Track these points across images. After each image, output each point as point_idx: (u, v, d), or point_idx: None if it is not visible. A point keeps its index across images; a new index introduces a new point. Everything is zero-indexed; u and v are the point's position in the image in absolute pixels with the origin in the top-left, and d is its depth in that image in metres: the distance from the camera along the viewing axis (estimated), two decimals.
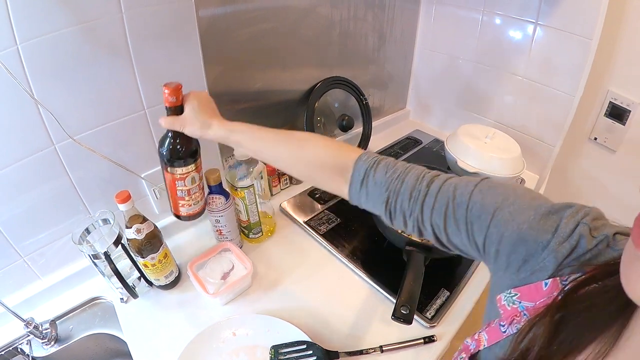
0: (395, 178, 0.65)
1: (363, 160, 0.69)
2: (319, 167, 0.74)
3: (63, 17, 0.81)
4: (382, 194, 0.65)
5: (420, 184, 0.63)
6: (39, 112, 0.85)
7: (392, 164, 0.67)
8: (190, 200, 0.94)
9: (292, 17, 1.30)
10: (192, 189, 0.92)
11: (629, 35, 1.46)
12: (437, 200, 0.60)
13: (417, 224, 0.64)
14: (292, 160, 0.79)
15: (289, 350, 0.91)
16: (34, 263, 1.01)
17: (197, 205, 0.96)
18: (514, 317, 0.51)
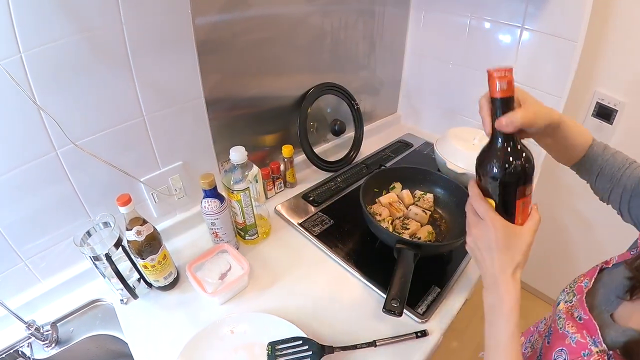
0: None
1: None
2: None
3: (65, 26, 0.84)
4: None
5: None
6: (42, 118, 0.88)
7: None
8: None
9: (286, 26, 1.34)
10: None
11: (614, 37, 1.50)
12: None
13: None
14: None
15: (285, 346, 0.93)
16: (35, 266, 1.04)
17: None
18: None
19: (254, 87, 1.34)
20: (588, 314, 0.65)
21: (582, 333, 0.64)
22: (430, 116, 2.05)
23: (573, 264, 2.12)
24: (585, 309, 0.67)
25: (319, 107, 1.60)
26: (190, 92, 1.13)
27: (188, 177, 1.24)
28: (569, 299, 0.74)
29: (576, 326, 0.67)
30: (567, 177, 1.91)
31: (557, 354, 0.68)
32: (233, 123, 1.33)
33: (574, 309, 0.70)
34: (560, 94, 1.49)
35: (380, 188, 1.39)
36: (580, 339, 0.64)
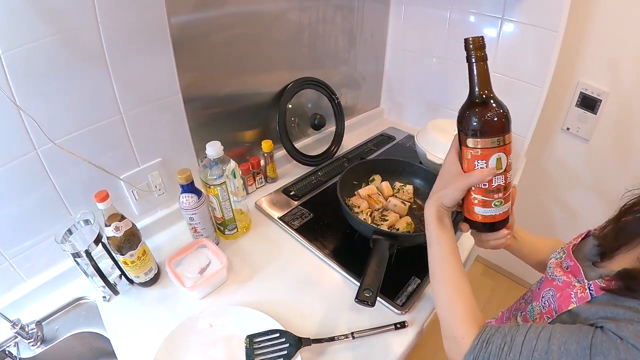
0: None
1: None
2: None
3: (43, 27, 0.85)
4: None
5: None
6: (21, 118, 0.89)
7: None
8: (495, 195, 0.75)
9: (263, 22, 1.34)
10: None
11: (596, 27, 1.51)
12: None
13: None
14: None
15: (263, 339, 0.95)
16: (19, 266, 1.04)
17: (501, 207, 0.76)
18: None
19: (232, 83, 1.35)
20: (573, 260, 0.77)
21: (568, 275, 0.76)
22: (413, 109, 2.06)
23: None
24: (571, 257, 0.79)
25: (299, 102, 1.61)
26: (167, 89, 1.14)
27: (167, 174, 1.24)
28: (559, 255, 0.85)
29: (563, 272, 0.79)
30: (552, 168, 1.92)
31: (545, 292, 0.80)
32: (212, 119, 1.34)
33: (562, 262, 0.82)
34: (542, 84, 1.50)
35: (359, 180, 1.40)
36: (565, 279, 0.76)
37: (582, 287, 0.70)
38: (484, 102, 0.70)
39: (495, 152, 0.70)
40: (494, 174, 0.71)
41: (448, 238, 0.79)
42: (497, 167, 0.71)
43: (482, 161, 0.71)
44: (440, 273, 0.79)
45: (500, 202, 0.75)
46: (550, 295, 0.77)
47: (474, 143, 0.71)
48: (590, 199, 1.89)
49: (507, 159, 0.71)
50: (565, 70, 1.59)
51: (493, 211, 0.76)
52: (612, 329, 0.57)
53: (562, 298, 0.73)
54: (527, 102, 1.57)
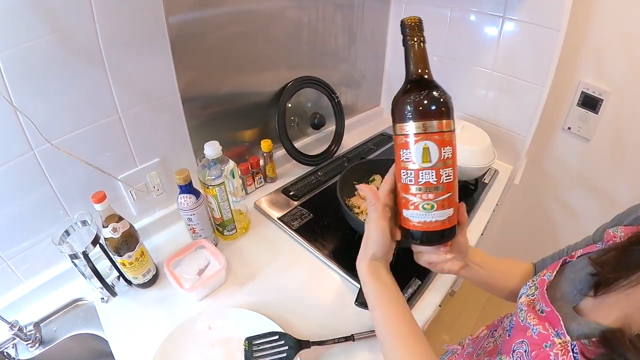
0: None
1: None
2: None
3: (39, 26, 0.84)
4: None
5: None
6: (18, 119, 0.88)
7: None
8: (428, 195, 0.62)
9: (261, 21, 1.33)
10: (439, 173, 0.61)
11: (598, 26, 1.49)
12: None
13: None
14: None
15: (262, 341, 0.93)
16: (17, 267, 1.04)
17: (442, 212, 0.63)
18: (612, 238, 0.70)
19: (231, 82, 1.34)
20: (550, 306, 0.65)
21: (544, 325, 0.63)
22: None
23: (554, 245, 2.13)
24: (546, 301, 0.66)
25: (299, 102, 1.60)
26: (165, 89, 1.13)
27: (166, 174, 1.23)
28: (530, 292, 0.72)
29: (538, 318, 0.65)
30: (553, 167, 1.91)
31: (517, 345, 0.66)
32: (210, 119, 1.33)
33: (535, 302, 0.69)
34: (543, 83, 1.49)
35: (359, 181, 1.39)
36: (542, 330, 0.63)
37: (564, 348, 0.58)
38: (414, 84, 0.62)
39: (421, 139, 0.59)
40: (420, 168, 0.60)
41: (390, 294, 0.70)
42: (423, 159, 0.60)
43: (407, 150, 0.61)
44: (388, 338, 0.67)
45: (431, 206, 0.61)
46: (524, 350, 0.64)
47: (399, 129, 0.62)
48: (591, 199, 1.87)
49: (441, 151, 0.59)
50: (567, 70, 1.58)
51: (422, 216, 0.62)
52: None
53: (539, 359, 0.61)
54: (528, 101, 1.56)
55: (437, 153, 0.59)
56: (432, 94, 0.60)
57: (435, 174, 0.60)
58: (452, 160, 0.61)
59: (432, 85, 0.61)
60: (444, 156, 0.60)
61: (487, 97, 1.69)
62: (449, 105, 0.61)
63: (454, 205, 0.63)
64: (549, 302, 0.66)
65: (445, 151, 0.60)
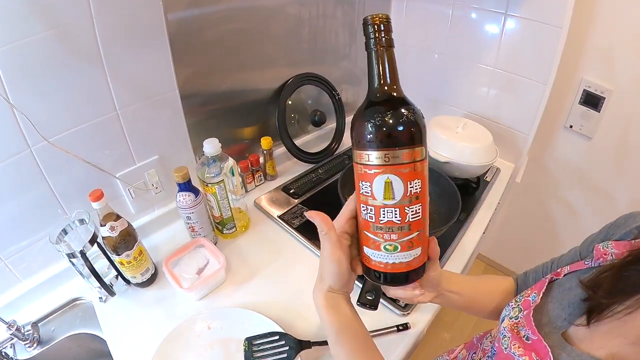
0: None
1: None
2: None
3: (35, 23, 0.83)
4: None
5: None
6: (15, 117, 0.87)
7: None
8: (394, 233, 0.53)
9: (261, 17, 1.32)
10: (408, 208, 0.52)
11: (601, 24, 1.48)
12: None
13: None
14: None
15: (262, 341, 0.92)
16: (15, 266, 1.03)
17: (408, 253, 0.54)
18: (602, 256, 0.63)
19: (231, 79, 1.33)
20: (537, 334, 0.59)
21: (531, 355, 0.57)
22: None
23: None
24: (533, 327, 0.61)
25: (299, 99, 1.59)
26: (164, 86, 1.12)
27: (165, 172, 1.22)
28: (514, 314, 0.66)
29: (523, 347, 0.60)
30: (554, 165, 1.91)
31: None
32: (210, 116, 1.32)
33: (520, 327, 0.63)
34: (545, 81, 1.48)
35: None
36: (523, 356, 0.58)
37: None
38: (377, 100, 0.52)
39: (382, 172, 0.50)
40: (382, 205, 0.51)
41: (352, 330, 0.63)
42: (385, 195, 0.50)
43: (366, 183, 0.52)
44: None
45: (394, 247, 0.53)
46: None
47: (357, 156, 0.53)
48: (592, 197, 1.87)
49: (407, 186, 0.50)
50: (569, 67, 1.57)
51: (384, 257, 0.54)
52: None
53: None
54: (530, 99, 1.55)
55: (402, 188, 0.50)
56: (397, 116, 0.50)
57: (400, 213, 0.51)
58: (421, 194, 0.51)
59: (398, 104, 0.51)
60: (410, 191, 0.50)
61: (489, 94, 1.68)
62: (420, 128, 0.50)
63: (423, 244, 0.55)
64: (535, 330, 0.60)
65: (413, 185, 0.50)
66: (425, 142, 0.51)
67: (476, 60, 1.65)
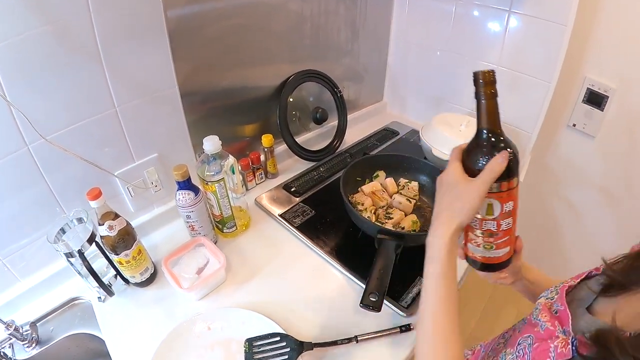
0: None
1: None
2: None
3: (32, 18, 0.81)
4: None
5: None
6: (12, 114, 0.86)
7: None
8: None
9: (262, 13, 1.30)
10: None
11: (605, 22, 1.47)
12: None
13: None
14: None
15: (263, 342, 0.91)
16: (13, 266, 1.02)
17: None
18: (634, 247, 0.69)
19: (231, 76, 1.31)
20: (564, 304, 0.67)
21: (554, 322, 0.65)
22: (416, 104, 2.02)
23: (562, 251, 2.11)
24: (563, 300, 0.68)
25: (300, 96, 1.57)
26: (163, 82, 1.10)
27: (164, 170, 1.21)
28: (550, 295, 0.73)
29: (549, 316, 0.68)
30: (557, 164, 1.90)
31: (522, 339, 0.70)
32: (210, 113, 1.30)
33: (553, 304, 0.70)
34: (549, 79, 1.46)
35: (363, 177, 1.36)
36: (549, 326, 0.65)
37: (565, 340, 0.60)
38: (486, 143, 0.66)
39: (486, 197, 0.64)
40: (484, 218, 0.67)
41: (453, 284, 0.68)
42: (487, 212, 0.67)
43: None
44: (432, 328, 0.68)
45: (490, 247, 0.70)
46: (528, 343, 0.67)
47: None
48: (594, 197, 1.86)
49: (503, 206, 0.65)
50: (572, 66, 1.56)
51: (482, 252, 0.71)
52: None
53: (539, 351, 0.63)
54: (533, 97, 1.53)
55: (499, 208, 0.65)
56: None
57: (496, 225, 0.67)
58: (512, 210, 0.67)
59: (500, 145, 0.64)
60: (505, 210, 0.66)
61: None
62: (516, 163, 0.64)
63: (511, 243, 0.71)
64: (564, 301, 0.68)
65: (507, 205, 0.65)
66: (519, 172, 0.66)
67: (479, 58, 1.64)
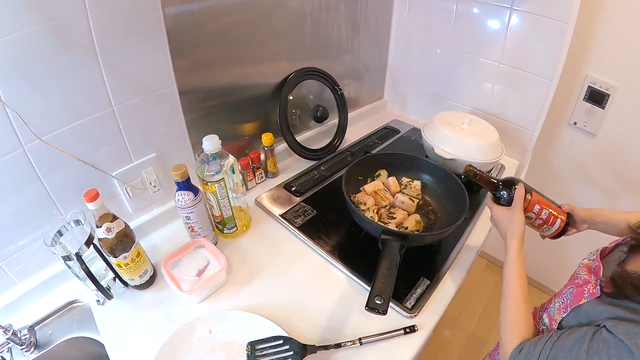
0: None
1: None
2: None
3: (27, 15, 0.80)
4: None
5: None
6: (7, 114, 0.84)
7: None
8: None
9: (262, 10, 1.29)
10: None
11: (607, 19, 1.47)
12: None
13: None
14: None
15: (265, 346, 0.90)
16: (10, 269, 1.00)
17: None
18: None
19: (230, 74, 1.30)
20: (599, 261, 0.82)
21: (590, 275, 0.81)
22: (417, 102, 2.02)
23: (563, 249, 2.10)
24: (598, 259, 0.84)
25: (301, 94, 1.56)
26: (161, 81, 1.09)
27: (163, 170, 1.19)
28: (592, 258, 0.88)
29: (587, 271, 0.84)
30: (558, 162, 1.90)
31: (566, 290, 0.85)
32: (209, 112, 1.29)
33: (592, 262, 0.86)
34: (551, 77, 1.46)
35: (365, 176, 1.35)
36: (586, 277, 0.81)
37: (595, 284, 0.76)
38: (503, 187, 1.03)
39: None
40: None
41: (524, 271, 0.89)
42: (529, 219, 1.01)
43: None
44: (514, 302, 0.85)
45: (548, 229, 1.03)
46: (570, 291, 0.82)
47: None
48: (595, 194, 1.86)
49: (535, 210, 1.00)
50: (574, 63, 1.56)
51: (549, 232, 1.04)
52: (610, 327, 0.63)
53: (577, 294, 0.79)
54: (535, 95, 1.53)
55: (534, 213, 1.01)
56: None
57: (539, 219, 1.02)
58: (541, 208, 1.00)
59: (509, 183, 1.03)
60: (536, 210, 1.00)
61: (493, 90, 1.65)
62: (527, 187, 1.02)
63: (558, 216, 1.01)
64: (599, 259, 0.83)
65: (536, 208, 1.00)
66: (530, 190, 1.02)
67: (481, 56, 1.63)
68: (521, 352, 0.75)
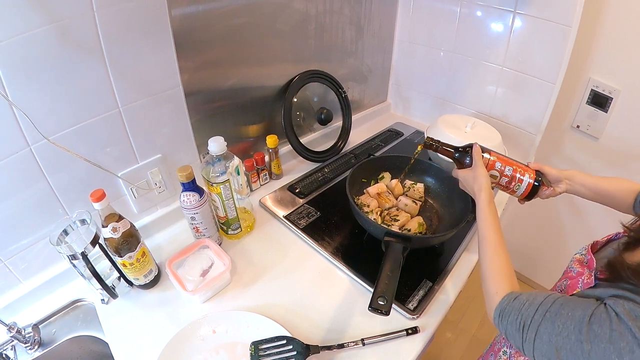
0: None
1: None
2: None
3: (35, 17, 0.80)
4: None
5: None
6: (14, 114, 0.85)
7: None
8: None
9: (267, 12, 1.29)
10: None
11: (610, 23, 1.46)
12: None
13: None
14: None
15: (269, 346, 0.90)
16: (15, 267, 1.01)
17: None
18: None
19: (236, 76, 1.30)
20: (591, 255, 0.83)
21: (583, 268, 0.83)
22: (420, 104, 2.02)
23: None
24: (590, 253, 0.84)
25: (305, 96, 1.57)
26: (167, 82, 1.09)
27: (168, 171, 1.20)
28: (582, 252, 0.89)
29: (580, 265, 0.85)
30: (560, 165, 1.89)
31: (560, 283, 0.87)
32: (214, 114, 1.29)
33: (584, 257, 0.87)
34: (554, 80, 1.46)
35: (368, 178, 1.36)
36: (579, 270, 0.82)
37: (589, 275, 0.78)
38: (462, 151, 1.05)
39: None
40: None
41: (496, 217, 0.93)
42: (494, 177, 1.03)
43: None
44: (491, 251, 0.87)
45: (518, 186, 1.03)
46: (564, 284, 0.84)
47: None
48: None
49: (498, 168, 1.02)
50: (577, 67, 1.56)
51: (519, 191, 1.03)
52: (611, 304, 0.64)
53: (571, 285, 0.81)
54: (538, 98, 1.53)
55: (497, 170, 1.02)
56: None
57: (505, 177, 1.03)
58: (503, 165, 1.02)
59: (466, 146, 1.05)
60: (500, 167, 1.02)
61: (496, 93, 1.66)
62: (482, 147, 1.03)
63: (526, 173, 1.02)
64: (591, 253, 0.84)
65: (498, 165, 1.02)
66: (487, 149, 1.04)
67: (484, 59, 1.63)
68: (516, 299, 0.75)
